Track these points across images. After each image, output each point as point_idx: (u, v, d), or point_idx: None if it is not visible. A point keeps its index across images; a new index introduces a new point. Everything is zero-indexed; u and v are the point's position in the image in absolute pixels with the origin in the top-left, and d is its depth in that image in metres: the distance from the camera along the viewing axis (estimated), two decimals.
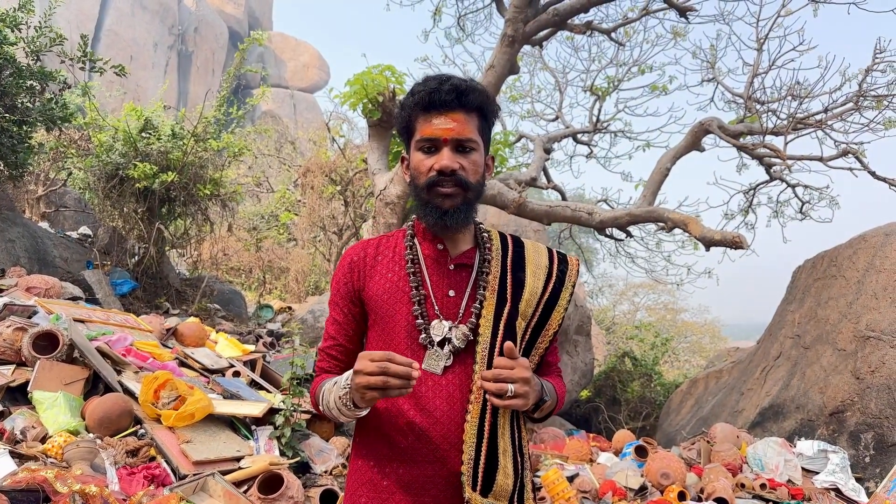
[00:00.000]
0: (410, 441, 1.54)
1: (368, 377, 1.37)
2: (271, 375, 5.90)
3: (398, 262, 1.65)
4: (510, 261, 1.69)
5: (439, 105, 1.55)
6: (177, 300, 8.69)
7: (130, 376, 4.50)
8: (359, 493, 1.60)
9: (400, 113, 1.64)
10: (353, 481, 1.63)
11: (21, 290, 5.72)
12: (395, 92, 6.70)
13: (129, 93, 20.38)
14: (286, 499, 3.64)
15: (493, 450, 1.54)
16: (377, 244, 1.72)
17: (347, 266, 1.70)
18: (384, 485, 1.56)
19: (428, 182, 1.56)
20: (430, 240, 1.66)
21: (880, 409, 5.90)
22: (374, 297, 1.63)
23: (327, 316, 1.74)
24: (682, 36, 8.93)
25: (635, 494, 5.04)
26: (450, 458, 1.53)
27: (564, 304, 1.69)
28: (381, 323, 1.62)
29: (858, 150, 7.55)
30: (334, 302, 1.71)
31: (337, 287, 1.71)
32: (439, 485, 1.53)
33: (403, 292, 1.60)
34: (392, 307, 1.60)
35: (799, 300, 7.92)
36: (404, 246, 1.68)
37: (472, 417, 1.53)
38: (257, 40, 11.24)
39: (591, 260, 22.22)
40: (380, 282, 1.64)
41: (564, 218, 7.51)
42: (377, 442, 1.59)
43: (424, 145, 1.58)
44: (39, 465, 3.29)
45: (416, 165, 1.60)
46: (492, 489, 1.53)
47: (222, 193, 9.04)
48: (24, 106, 7.33)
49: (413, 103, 1.58)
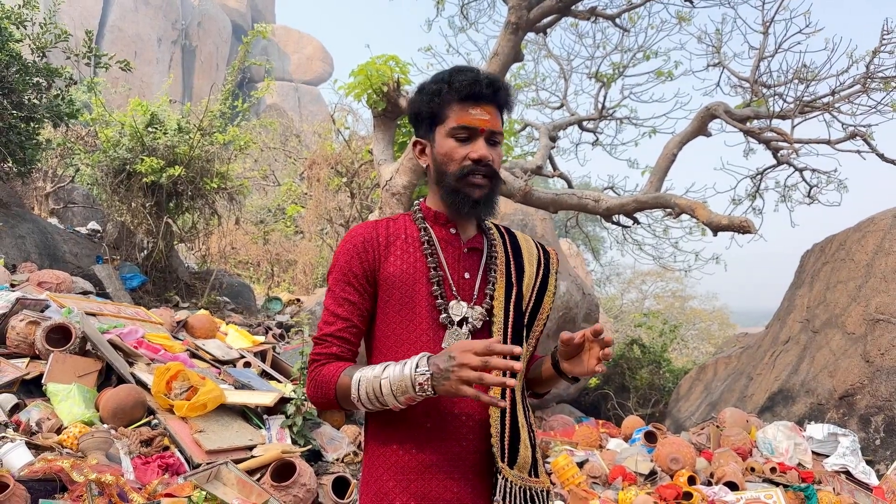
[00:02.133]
0: (435, 421, 1.56)
1: (471, 372, 1.34)
2: (281, 366, 5.94)
3: (412, 244, 1.67)
4: (510, 247, 1.79)
5: (478, 97, 1.61)
6: (186, 294, 8.74)
7: (142, 368, 4.55)
8: (384, 478, 1.58)
9: (430, 98, 1.65)
10: (377, 466, 1.61)
11: (33, 284, 5.78)
12: (400, 82, 6.69)
13: (133, 88, 20.42)
14: (299, 486, 3.68)
15: (515, 423, 1.62)
16: (386, 226, 1.70)
17: (361, 245, 1.64)
18: (412, 466, 1.56)
19: (462, 171, 1.62)
20: (441, 224, 1.70)
21: (890, 392, 5.90)
22: (390, 278, 1.62)
23: (330, 297, 1.66)
24: (688, 20, 8.85)
25: (645, 479, 5.06)
26: (475, 435, 1.58)
27: (552, 289, 1.81)
28: (398, 304, 1.62)
29: (866, 133, 7.49)
30: (345, 282, 1.63)
31: (349, 266, 1.63)
32: (468, 461, 1.57)
33: (422, 273, 1.63)
34: (411, 288, 1.62)
35: (808, 284, 7.90)
36: (417, 228, 1.70)
37: (494, 394, 1.58)
38: (261, 33, 11.25)
39: (599, 248, 22.20)
40: (396, 263, 1.64)
41: (570, 206, 7.50)
42: (400, 425, 1.58)
43: (460, 133, 1.62)
44: (55, 456, 3.34)
45: (448, 152, 1.64)
46: (516, 461, 1.60)
47: (229, 187, 9.08)
48: (30, 103, 7.37)
49: (450, 90, 1.62)
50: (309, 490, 3.74)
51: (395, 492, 1.56)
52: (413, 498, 1.55)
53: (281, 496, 3.59)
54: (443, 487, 1.55)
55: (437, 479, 1.55)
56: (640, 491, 4.69)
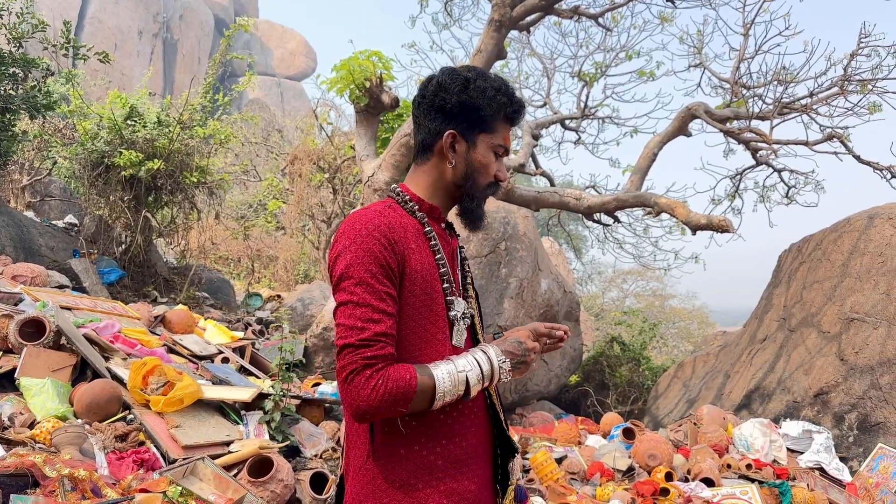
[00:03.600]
0: (456, 417, 1.60)
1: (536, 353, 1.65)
2: (260, 362, 5.90)
3: (419, 239, 1.63)
4: None
5: (515, 122, 1.73)
6: (165, 289, 8.64)
7: (119, 363, 4.49)
8: (410, 482, 1.52)
9: (489, 102, 1.65)
10: (398, 469, 1.53)
11: (7, 278, 5.68)
12: (383, 78, 6.68)
13: (113, 81, 20.17)
14: (276, 482, 3.66)
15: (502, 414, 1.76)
16: (395, 217, 1.61)
17: (389, 236, 1.53)
18: (439, 464, 1.55)
19: (489, 185, 1.71)
20: (436, 218, 1.71)
21: (864, 389, 5.99)
22: (415, 274, 1.56)
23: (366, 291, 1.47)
24: (669, 21, 8.93)
25: (623, 475, 5.09)
26: (485, 427, 1.67)
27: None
28: (421, 302, 1.57)
29: (843, 135, 7.60)
30: (384, 274, 1.50)
31: (383, 257, 1.50)
32: (480, 452, 1.64)
33: (432, 269, 1.63)
34: (430, 285, 1.60)
35: (785, 283, 8.00)
36: (417, 222, 1.66)
37: (492, 387, 1.70)
38: (243, 27, 11.14)
39: (580, 247, 22.29)
40: (416, 258, 1.58)
41: (552, 204, 7.53)
42: (423, 426, 1.55)
43: (500, 150, 1.71)
44: (28, 451, 3.29)
45: (486, 164, 1.69)
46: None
47: (209, 181, 8.99)
48: (6, 94, 7.24)
49: (506, 106, 1.68)
50: (286, 486, 3.72)
51: (426, 493, 1.53)
52: (444, 496, 1.54)
53: (258, 492, 3.57)
54: (468, 480, 1.59)
55: (462, 474, 1.58)
56: (618, 487, 4.73)
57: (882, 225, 6.81)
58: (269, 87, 37.16)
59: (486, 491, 1.65)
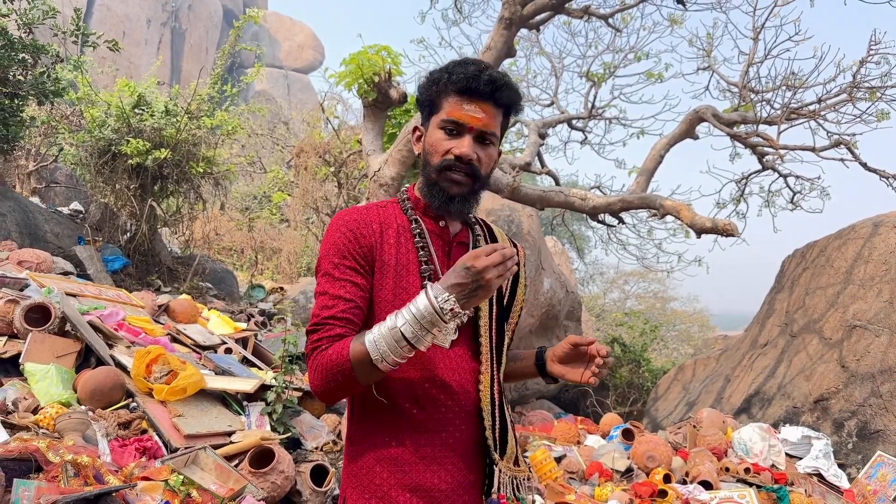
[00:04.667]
0: (428, 412, 1.56)
1: (498, 269, 1.35)
2: (263, 353, 5.92)
3: (404, 234, 1.65)
4: (489, 242, 1.79)
5: (473, 92, 1.57)
6: (168, 278, 8.67)
7: (122, 350, 4.51)
8: (376, 470, 1.56)
9: (429, 86, 1.63)
10: (367, 457, 1.57)
11: (12, 263, 5.70)
12: (391, 73, 6.67)
13: (121, 69, 20.16)
14: (277, 473, 3.68)
15: (503, 414, 1.64)
16: (377, 213, 1.67)
17: (356, 229, 1.60)
18: (406, 457, 1.55)
19: (442, 164, 1.59)
20: (431, 216, 1.70)
21: (864, 397, 5.99)
22: (385, 266, 1.60)
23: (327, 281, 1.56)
24: (679, 23, 8.91)
25: (621, 476, 5.11)
26: (466, 425, 1.59)
27: (524, 281, 1.84)
28: (391, 294, 1.59)
29: (850, 142, 7.58)
30: (345, 264, 1.56)
31: (347, 248, 1.57)
32: (459, 451, 1.58)
33: (414, 265, 1.62)
34: (404, 279, 1.60)
35: (788, 289, 7.99)
36: (407, 219, 1.68)
37: (484, 386, 1.62)
38: (252, 18, 11.15)
39: (583, 247, 22.29)
40: (390, 251, 1.61)
41: (557, 203, 7.53)
42: (391, 416, 1.57)
43: (448, 126, 1.59)
44: (31, 436, 3.31)
45: (433, 143, 1.61)
46: (506, 451, 1.63)
47: (215, 172, 9.01)
48: (15, 79, 7.27)
49: (448, 81, 1.59)
50: (287, 477, 3.74)
51: (389, 483, 1.54)
52: (407, 490, 1.54)
53: (259, 483, 3.59)
54: (438, 478, 1.55)
55: (431, 470, 1.55)
56: (616, 487, 4.74)
57: (887, 233, 6.80)
58: (276, 79, 37.14)
59: (465, 493, 1.58)
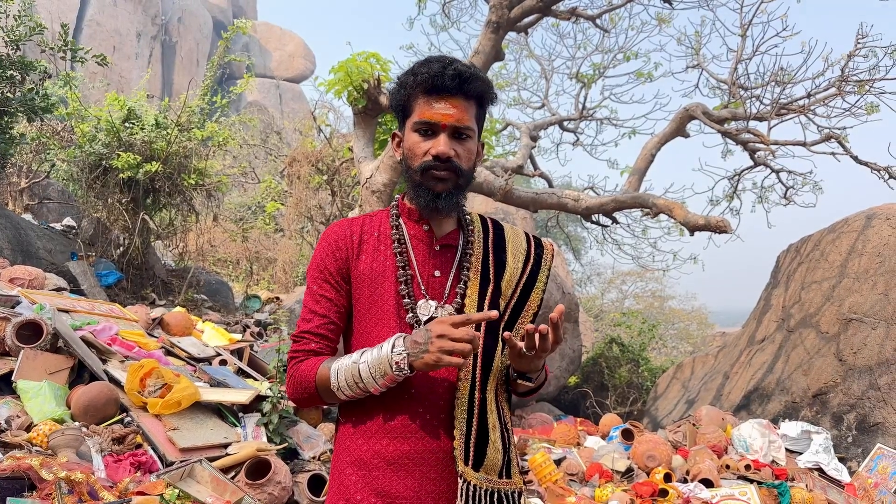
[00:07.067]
0: (401, 418, 1.55)
1: (450, 342, 1.38)
2: (258, 364, 5.89)
3: (384, 241, 1.66)
4: (491, 242, 1.72)
5: (441, 89, 1.55)
6: (163, 291, 8.64)
7: (116, 365, 4.49)
8: (346, 472, 1.58)
9: (398, 91, 1.62)
10: (341, 460, 1.61)
11: (4, 280, 5.67)
12: (381, 79, 6.67)
13: (112, 84, 20.18)
14: (274, 484, 3.65)
15: (483, 425, 1.58)
16: (361, 223, 1.70)
17: (334, 243, 1.65)
18: (374, 462, 1.55)
19: (423, 166, 1.58)
20: (415, 220, 1.68)
21: (862, 390, 5.99)
22: (361, 276, 1.62)
23: (308, 295, 1.67)
24: (667, 22, 8.95)
25: (622, 476, 5.09)
26: (440, 434, 1.56)
27: (542, 285, 1.74)
28: (367, 303, 1.61)
29: (841, 135, 7.60)
30: (322, 279, 1.64)
31: (324, 264, 1.64)
32: (430, 460, 1.55)
33: (390, 272, 1.62)
34: (380, 287, 1.61)
35: (783, 284, 8.00)
36: (390, 226, 1.67)
37: (461, 394, 1.57)
38: (241, 29, 11.16)
39: (579, 248, 22.31)
40: (367, 261, 1.63)
41: (551, 205, 7.53)
42: (366, 420, 1.57)
43: (422, 128, 1.58)
44: (25, 454, 3.28)
45: (411, 147, 1.60)
46: (483, 463, 1.56)
47: (207, 183, 8.99)
48: (3, 96, 7.24)
49: (414, 83, 1.57)
50: (284, 488, 3.71)
51: (357, 486, 1.55)
52: (373, 494, 1.53)
53: (256, 494, 3.56)
54: (403, 485, 1.53)
55: (398, 477, 1.54)
56: (617, 488, 4.72)
57: (880, 225, 6.82)
58: (267, 89, 37.12)
59: (433, 502, 1.53)
